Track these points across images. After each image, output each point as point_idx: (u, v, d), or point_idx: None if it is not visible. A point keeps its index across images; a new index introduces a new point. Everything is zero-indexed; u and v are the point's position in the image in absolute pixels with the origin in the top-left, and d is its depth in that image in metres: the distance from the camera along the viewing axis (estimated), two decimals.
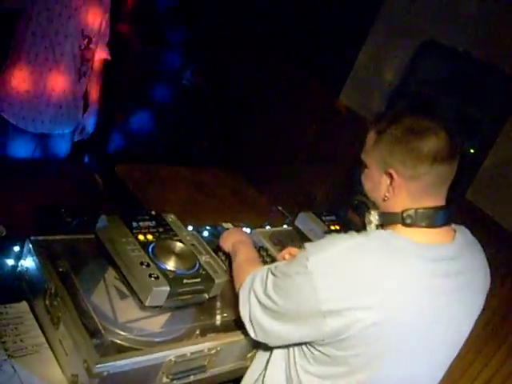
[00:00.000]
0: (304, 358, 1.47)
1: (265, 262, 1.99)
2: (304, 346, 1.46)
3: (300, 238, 2.35)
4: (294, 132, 4.13)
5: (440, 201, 1.42)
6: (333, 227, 2.36)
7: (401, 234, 1.39)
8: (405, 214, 1.39)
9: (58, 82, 2.74)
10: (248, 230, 2.26)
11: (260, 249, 2.12)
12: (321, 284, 1.33)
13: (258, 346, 1.66)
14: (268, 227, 2.40)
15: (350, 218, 1.58)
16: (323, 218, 2.39)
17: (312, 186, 3.87)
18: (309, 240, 2.30)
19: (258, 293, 1.49)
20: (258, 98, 4.40)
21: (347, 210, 1.61)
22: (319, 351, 1.42)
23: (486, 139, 2.65)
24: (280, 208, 2.50)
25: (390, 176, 1.39)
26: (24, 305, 1.58)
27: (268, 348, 1.59)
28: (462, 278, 1.42)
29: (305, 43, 4.08)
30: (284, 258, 1.87)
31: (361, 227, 1.52)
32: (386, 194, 1.42)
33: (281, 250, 2.21)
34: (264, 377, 1.58)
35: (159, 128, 4.73)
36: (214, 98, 4.60)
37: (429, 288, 1.35)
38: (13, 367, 1.37)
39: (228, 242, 1.96)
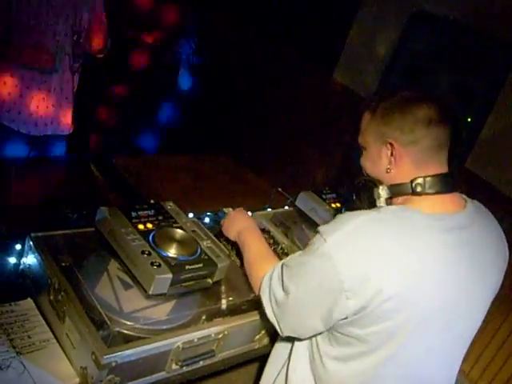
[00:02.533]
0: (327, 343, 1.47)
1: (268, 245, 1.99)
2: (326, 331, 1.46)
3: (302, 218, 2.35)
4: (292, 114, 4.12)
5: (443, 168, 1.44)
6: (334, 205, 2.35)
7: (413, 206, 1.40)
8: (414, 183, 1.41)
9: (50, 82, 2.73)
10: (249, 214, 2.25)
11: (263, 231, 2.11)
12: (341, 261, 1.33)
13: (275, 336, 1.68)
14: (269, 209, 2.39)
15: (355, 202, 1.56)
16: (324, 196, 2.38)
17: (311, 167, 3.87)
18: (310, 219, 2.30)
19: (276, 291, 1.48)
20: (255, 83, 4.38)
21: (351, 195, 1.59)
22: (341, 333, 1.42)
23: (483, 107, 2.63)
24: (280, 190, 2.49)
25: (390, 146, 1.42)
26: (29, 302, 1.58)
27: (289, 339, 1.58)
28: (474, 247, 1.43)
29: (295, 23, 4.05)
30: None
31: (365, 207, 1.51)
32: (389, 166, 1.44)
33: (283, 232, 2.22)
34: (288, 368, 1.57)
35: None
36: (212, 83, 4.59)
37: (442, 259, 1.36)
38: (22, 364, 1.37)
39: (232, 230, 1.93)
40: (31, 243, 1.61)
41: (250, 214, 2.25)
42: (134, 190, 2.39)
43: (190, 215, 2.06)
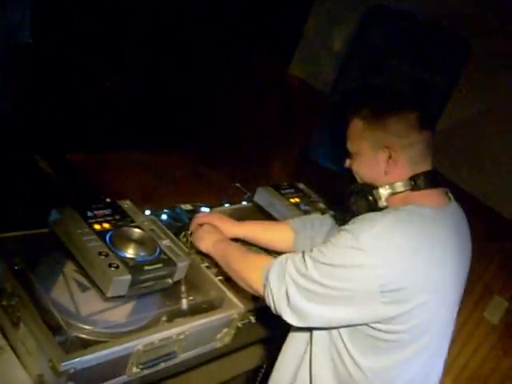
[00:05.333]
0: (354, 345, 1.47)
1: None
2: (351, 329, 1.46)
3: (260, 214, 2.34)
4: (249, 108, 4.10)
5: (431, 165, 1.55)
6: (292, 200, 2.35)
7: (420, 203, 1.47)
8: (414, 179, 1.49)
9: None
10: (207, 210, 2.23)
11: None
12: (376, 260, 1.35)
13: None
14: (227, 205, 2.37)
15: (350, 208, 1.57)
16: (282, 191, 2.39)
17: (269, 162, 3.86)
18: (269, 215, 2.29)
19: (295, 277, 1.44)
20: (211, 77, 4.35)
21: (344, 201, 1.60)
22: (369, 332, 1.44)
23: (439, 102, 2.67)
24: (238, 185, 2.47)
25: (389, 150, 1.49)
26: None
27: (302, 339, 1.58)
28: (461, 231, 1.57)
29: (250, 16, 4.03)
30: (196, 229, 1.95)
31: (365, 212, 1.52)
32: (387, 169, 1.52)
33: None
34: (311, 367, 1.56)
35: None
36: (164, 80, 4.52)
37: (450, 250, 1.48)
38: None
39: (206, 242, 1.88)
40: None
41: (208, 210, 2.23)
42: (90, 188, 2.33)
43: (147, 213, 2.03)
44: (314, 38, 3.61)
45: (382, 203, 1.52)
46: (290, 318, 1.47)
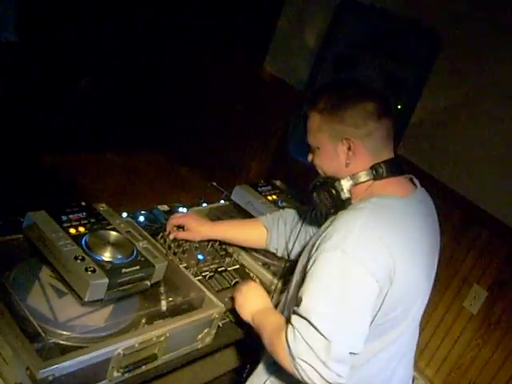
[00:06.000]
0: None
1: None
2: None
3: (238, 212, 2.33)
4: (222, 107, 4.08)
5: (392, 154, 1.55)
6: (270, 197, 2.35)
7: (384, 193, 1.49)
8: (374, 168, 1.50)
9: None
10: (185, 210, 2.22)
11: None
12: (371, 265, 1.35)
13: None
14: (204, 204, 2.35)
15: (315, 203, 1.57)
16: (259, 189, 2.38)
17: (245, 159, 3.85)
18: (247, 213, 2.28)
19: (324, 351, 1.32)
20: (185, 74, 4.32)
21: (309, 196, 1.59)
22: None
23: (412, 94, 2.69)
24: (215, 184, 2.46)
25: (347, 141, 1.49)
26: None
27: None
28: (428, 218, 1.60)
29: (222, 13, 4.01)
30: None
31: (329, 204, 1.54)
32: (347, 161, 1.51)
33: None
34: None
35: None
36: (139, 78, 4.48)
37: (421, 240, 1.51)
38: None
39: (246, 312, 1.69)
40: None
41: (185, 210, 2.22)
42: (64, 189, 2.30)
43: (124, 215, 2.00)
44: (286, 34, 3.60)
45: (345, 195, 1.52)
46: (343, 372, 1.35)
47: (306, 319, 1.35)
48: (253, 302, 1.69)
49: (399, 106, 2.59)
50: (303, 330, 1.35)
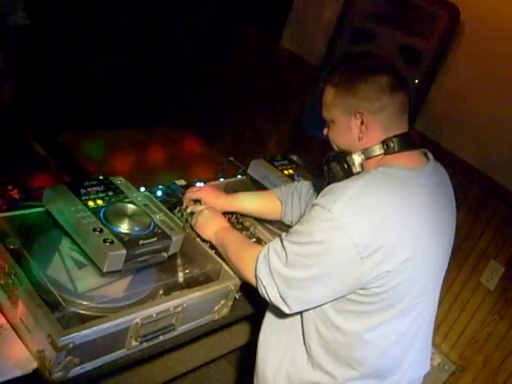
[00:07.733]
0: (337, 312, 1.51)
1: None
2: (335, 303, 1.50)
3: (255, 186, 2.34)
4: (241, 83, 4.07)
5: (406, 128, 1.55)
6: (286, 172, 2.36)
7: (393, 164, 1.48)
8: (386, 143, 1.49)
9: None
10: (202, 184, 2.23)
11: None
12: (353, 228, 1.36)
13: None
14: (222, 179, 2.37)
15: (328, 176, 1.58)
16: (276, 163, 2.39)
17: (262, 135, 3.85)
18: (264, 187, 2.29)
19: (280, 269, 1.47)
20: (203, 53, 4.31)
21: (322, 170, 1.61)
22: (351, 297, 1.47)
23: (430, 68, 2.65)
24: (232, 159, 2.47)
25: (360, 115, 1.49)
26: None
27: (288, 324, 1.62)
28: (441, 190, 1.59)
29: None
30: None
31: (341, 178, 1.54)
32: (360, 135, 1.52)
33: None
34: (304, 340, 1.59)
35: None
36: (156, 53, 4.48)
37: (430, 210, 1.49)
38: None
39: (208, 230, 1.86)
40: None
41: (202, 184, 2.24)
42: (83, 166, 2.33)
43: (142, 189, 2.02)
44: (304, 10, 3.57)
45: (356, 169, 1.53)
46: (286, 308, 1.50)
47: (285, 250, 1.47)
48: (215, 221, 1.87)
49: (416, 81, 2.55)
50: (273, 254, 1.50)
